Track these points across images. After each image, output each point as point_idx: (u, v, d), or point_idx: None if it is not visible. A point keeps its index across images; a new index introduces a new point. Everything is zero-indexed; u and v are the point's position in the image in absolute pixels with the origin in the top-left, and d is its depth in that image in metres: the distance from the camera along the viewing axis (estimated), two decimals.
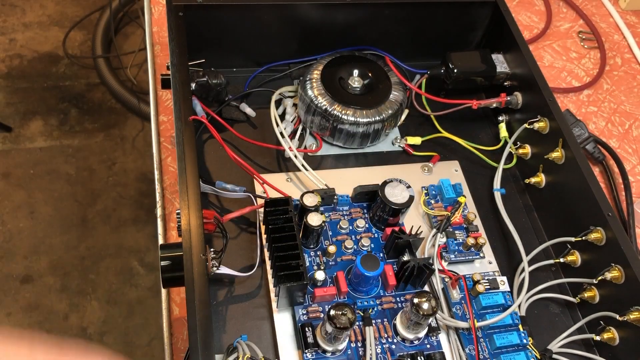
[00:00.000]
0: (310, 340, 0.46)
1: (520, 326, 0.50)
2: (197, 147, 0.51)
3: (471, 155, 0.61)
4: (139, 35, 1.77)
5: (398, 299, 0.50)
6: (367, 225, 0.54)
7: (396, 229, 0.52)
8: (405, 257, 0.50)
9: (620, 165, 0.66)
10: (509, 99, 0.62)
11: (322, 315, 0.48)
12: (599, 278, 0.50)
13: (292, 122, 0.61)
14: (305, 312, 0.48)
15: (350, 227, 0.53)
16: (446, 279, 0.52)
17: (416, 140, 0.62)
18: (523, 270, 0.52)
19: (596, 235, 0.51)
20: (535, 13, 0.84)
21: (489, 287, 0.51)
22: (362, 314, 0.48)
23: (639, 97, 0.76)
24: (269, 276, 0.50)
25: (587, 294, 0.52)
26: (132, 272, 1.40)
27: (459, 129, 0.63)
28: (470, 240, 0.53)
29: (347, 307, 0.43)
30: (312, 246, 0.51)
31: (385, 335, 0.48)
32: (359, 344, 0.47)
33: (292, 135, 0.60)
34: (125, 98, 1.61)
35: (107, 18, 1.70)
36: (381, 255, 0.53)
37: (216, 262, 0.47)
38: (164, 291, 0.54)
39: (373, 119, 0.57)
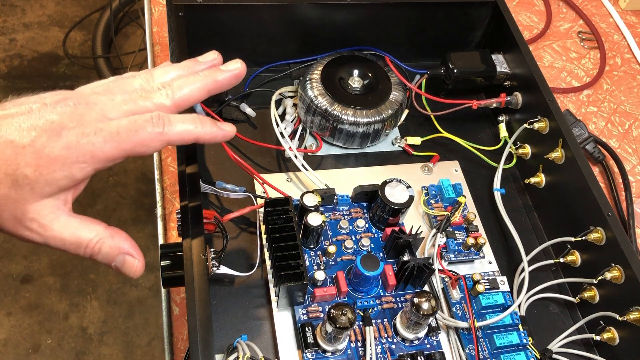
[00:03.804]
0: (310, 340, 0.46)
1: (520, 326, 0.50)
2: (197, 147, 0.51)
3: (471, 155, 0.61)
4: (139, 35, 1.77)
5: (398, 299, 0.50)
6: (367, 225, 0.54)
7: (396, 229, 0.52)
8: (405, 257, 0.50)
9: (620, 165, 0.66)
10: (508, 99, 0.62)
11: (322, 315, 0.48)
12: (599, 278, 0.50)
13: (292, 122, 0.61)
14: (305, 312, 0.48)
15: (350, 227, 0.53)
16: (446, 279, 0.52)
17: (416, 140, 0.62)
18: (523, 270, 0.52)
19: (596, 235, 0.51)
20: (535, 13, 0.84)
21: (489, 287, 0.51)
22: (362, 314, 0.48)
23: (639, 97, 0.76)
24: (269, 276, 0.50)
25: (587, 294, 0.52)
26: None
27: (459, 129, 0.63)
28: (470, 240, 0.53)
29: (347, 307, 0.43)
30: (312, 246, 0.51)
31: (385, 335, 0.48)
32: (359, 344, 0.47)
33: (292, 135, 0.60)
34: None
35: (107, 18, 1.70)
36: (381, 255, 0.53)
37: (216, 262, 0.47)
38: (164, 291, 0.54)
39: (373, 119, 0.57)
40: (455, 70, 0.62)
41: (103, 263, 0.37)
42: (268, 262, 0.50)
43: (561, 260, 0.54)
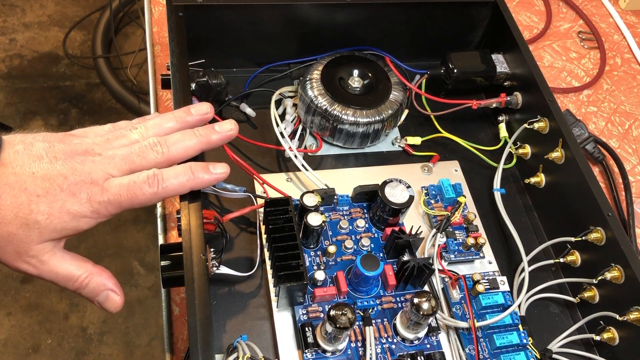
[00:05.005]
0: (310, 340, 0.46)
1: (520, 326, 0.50)
2: None
3: (471, 155, 0.61)
4: (139, 35, 1.77)
5: (398, 299, 0.50)
6: (367, 225, 0.54)
7: (396, 229, 0.52)
8: (405, 257, 0.50)
9: (620, 165, 0.66)
10: (508, 99, 0.62)
11: (322, 315, 0.48)
12: (599, 278, 0.50)
13: (292, 122, 0.61)
14: (305, 312, 0.48)
15: (350, 227, 0.53)
16: (446, 279, 0.52)
17: (416, 140, 0.62)
18: (523, 270, 0.52)
19: (596, 235, 0.51)
20: (535, 13, 0.84)
21: (489, 287, 0.51)
22: (362, 314, 0.48)
23: (639, 97, 0.76)
24: (269, 276, 0.50)
25: (587, 294, 0.52)
26: (132, 272, 1.40)
27: (459, 129, 0.63)
28: (470, 240, 0.53)
29: (347, 307, 0.43)
30: (312, 246, 0.51)
31: (385, 335, 0.48)
32: (359, 344, 0.47)
33: (292, 135, 0.60)
34: (126, 98, 1.61)
35: (107, 18, 1.70)
36: (381, 255, 0.53)
37: (216, 262, 0.47)
38: (163, 291, 0.54)
39: (373, 119, 0.57)
40: (455, 70, 0.62)
41: (87, 297, 0.41)
42: (268, 262, 0.50)
43: (561, 260, 0.54)
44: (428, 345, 0.48)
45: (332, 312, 0.42)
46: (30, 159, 0.38)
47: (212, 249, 0.47)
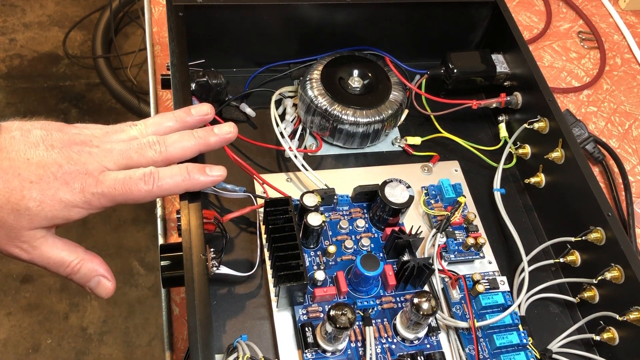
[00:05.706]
0: (310, 340, 0.46)
1: (520, 326, 0.50)
2: None
3: (471, 155, 0.61)
4: (139, 35, 1.77)
5: (398, 299, 0.50)
6: (367, 225, 0.54)
7: (396, 229, 0.52)
8: (405, 257, 0.50)
9: (620, 165, 0.66)
10: (508, 99, 0.62)
11: (322, 315, 0.48)
12: (599, 278, 0.50)
13: (292, 122, 0.61)
14: (305, 312, 0.48)
15: (350, 227, 0.53)
16: (446, 279, 0.52)
17: (416, 140, 0.62)
18: (523, 270, 0.52)
19: (596, 235, 0.51)
20: (535, 13, 0.84)
21: (488, 287, 0.51)
22: (362, 314, 0.48)
23: (639, 97, 0.76)
24: (269, 276, 0.50)
25: (587, 294, 0.52)
26: (132, 272, 1.40)
27: (458, 129, 0.63)
28: (470, 240, 0.53)
29: (347, 307, 0.43)
30: (312, 246, 0.51)
31: (385, 335, 0.48)
32: (359, 344, 0.47)
33: (292, 135, 0.60)
34: (126, 98, 1.61)
35: (107, 18, 1.70)
36: (381, 255, 0.53)
37: (216, 262, 0.47)
38: (163, 291, 0.54)
39: (373, 119, 0.57)
40: (455, 70, 0.62)
41: (78, 283, 0.41)
42: (268, 262, 0.50)
43: (561, 260, 0.54)
44: (428, 345, 0.48)
45: (332, 312, 0.42)
46: (26, 146, 0.37)
47: (212, 249, 0.47)
